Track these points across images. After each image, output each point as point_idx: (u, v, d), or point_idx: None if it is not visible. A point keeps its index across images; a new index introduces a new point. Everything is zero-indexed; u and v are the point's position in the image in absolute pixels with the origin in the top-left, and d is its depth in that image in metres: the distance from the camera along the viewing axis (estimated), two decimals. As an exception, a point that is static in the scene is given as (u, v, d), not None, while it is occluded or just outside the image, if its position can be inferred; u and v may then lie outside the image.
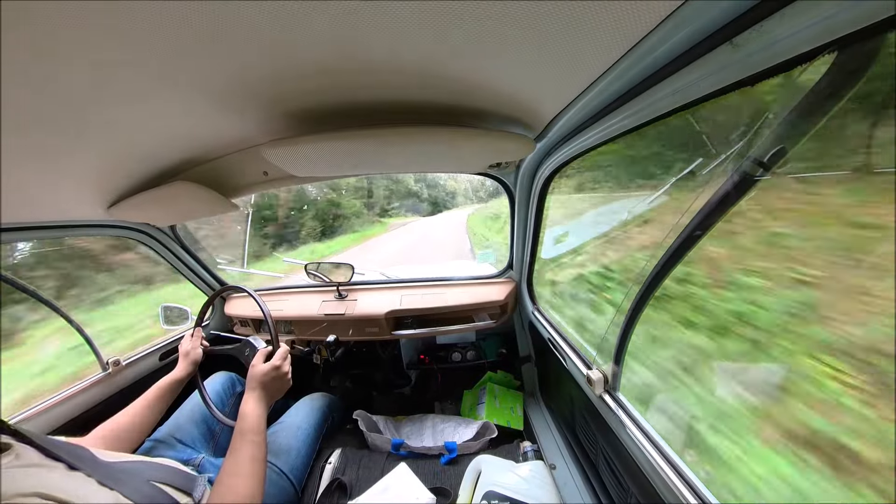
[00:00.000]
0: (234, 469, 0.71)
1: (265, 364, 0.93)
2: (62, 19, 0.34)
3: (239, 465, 0.72)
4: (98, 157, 0.71)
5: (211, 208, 1.07)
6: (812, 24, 0.30)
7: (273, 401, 0.91)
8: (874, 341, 0.68)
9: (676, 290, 1.16)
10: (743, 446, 0.89)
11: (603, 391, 0.86)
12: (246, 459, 0.73)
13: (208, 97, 0.56)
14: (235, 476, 0.70)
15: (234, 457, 0.73)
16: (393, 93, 0.60)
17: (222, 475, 0.70)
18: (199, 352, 1.08)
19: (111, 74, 0.45)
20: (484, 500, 0.90)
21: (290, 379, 0.96)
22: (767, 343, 0.91)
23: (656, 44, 0.41)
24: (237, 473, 0.71)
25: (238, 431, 0.79)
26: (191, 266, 1.50)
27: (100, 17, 0.35)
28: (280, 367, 0.93)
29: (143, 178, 0.88)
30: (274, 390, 0.92)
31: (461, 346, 1.71)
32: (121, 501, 0.56)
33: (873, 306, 0.68)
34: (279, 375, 0.93)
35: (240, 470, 0.71)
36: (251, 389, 0.88)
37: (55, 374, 2.46)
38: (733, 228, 0.94)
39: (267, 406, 0.88)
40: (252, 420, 0.81)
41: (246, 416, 0.81)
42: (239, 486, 0.69)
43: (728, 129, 0.53)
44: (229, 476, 0.70)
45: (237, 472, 0.71)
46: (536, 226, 1.19)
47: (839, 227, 0.77)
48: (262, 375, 0.90)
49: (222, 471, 0.71)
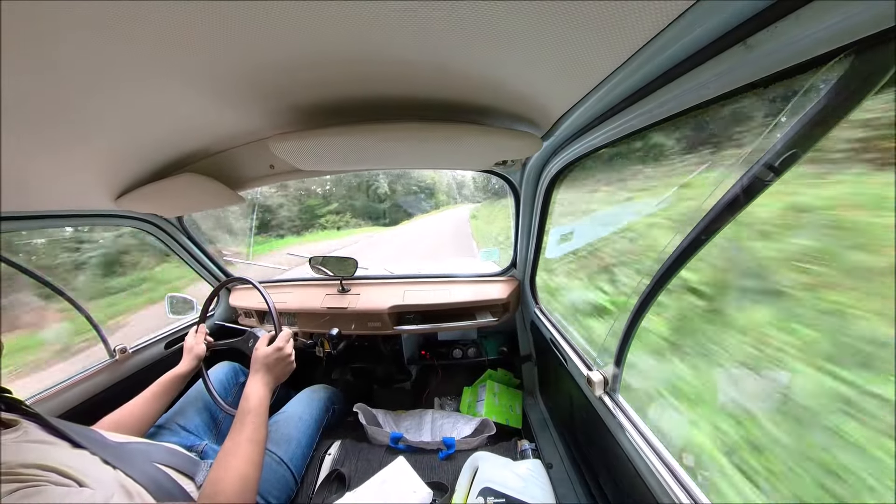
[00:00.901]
0: (232, 450, 0.73)
1: (268, 346, 0.93)
2: (68, 9, 0.34)
3: (237, 445, 0.73)
4: (106, 148, 0.71)
5: (218, 200, 1.08)
6: (828, 25, 0.29)
7: (277, 383, 0.92)
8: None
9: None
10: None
11: (603, 393, 0.86)
12: (244, 441, 0.74)
13: (216, 89, 0.56)
14: (233, 456, 0.71)
15: (234, 438, 0.75)
16: (400, 88, 0.60)
17: (221, 454, 0.72)
18: (203, 348, 1.10)
19: (117, 66, 0.45)
20: (481, 497, 0.90)
21: (293, 361, 0.96)
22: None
23: (667, 43, 0.40)
24: (235, 454, 0.72)
25: (240, 412, 0.80)
26: (197, 257, 1.52)
27: (106, 7, 0.35)
28: (283, 348, 0.94)
29: (150, 169, 0.89)
30: (278, 372, 0.92)
31: (462, 342, 1.72)
32: (122, 479, 0.58)
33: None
34: (282, 357, 0.93)
35: (238, 451, 0.72)
36: (255, 372, 0.89)
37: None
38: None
39: (270, 389, 0.88)
40: (253, 401, 0.82)
41: (248, 398, 0.82)
42: (235, 466, 0.70)
43: (739, 131, 0.52)
44: (227, 456, 0.71)
45: (235, 452, 0.72)
46: (541, 225, 1.19)
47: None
48: (265, 357, 0.91)
49: (222, 450, 0.73)
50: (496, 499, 0.89)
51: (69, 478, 0.50)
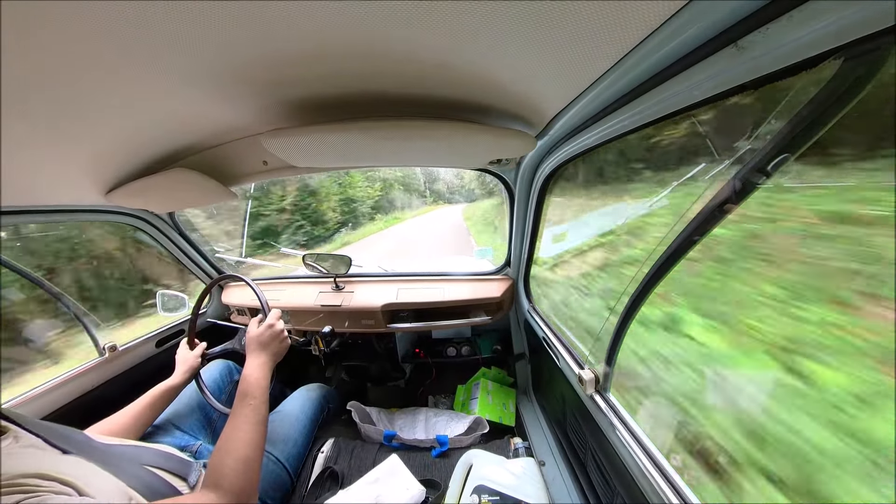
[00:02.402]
0: (233, 433, 0.72)
1: (259, 326, 0.92)
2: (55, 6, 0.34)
3: (237, 428, 0.73)
4: (94, 141, 0.70)
5: (209, 196, 1.07)
6: (819, 28, 0.29)
7: (275, 361, 0.90)
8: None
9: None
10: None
11: (594, 391, 0.86)
12: (243, 423, 0.74)
13: (208, 83, 0.55)
14: (233, 440, 0.71)
15: (234, 420, 0.74)
16: (394, 85, 0.59)
17: (221, 439, 0.71)
18: (199, 361, 1.09)
19: (106, 58, 0.44)
20: (474, 494, 0.90)
21: (286, 338, 0.95)
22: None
23: (659, 44, 0.40)
24: (235, 438, 0.71)
25: (239, 395, 0.79)
26: (188, 254, 1.50)
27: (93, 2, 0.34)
28: (274, 325, 0.93)
29: (141, 164, 0.87)
30: (273, 350, 0.91)
31: (456, 341, 1.72)
32: (120, 484, 0.57)
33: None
34: (274, 333, 0.92)
35: (238, 434, 0.72)
36: (250, 353, 0.88)
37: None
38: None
39: (269, 368, 0.87)
40: (252, 382, 0.81)
41: (246, 378, 0.81)
42: (236, 450, 0.69)
43: (730, 134, 0.52)
44: (227, 440, 0.71)
45: (235, 436, 0.72)
46: (535, 224, 1.19)
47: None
48: (258, 336, 0.90)
49: (222, 435, 0.72)
50: (490, 496, 0.90)
51: (69, 486, 0.50)
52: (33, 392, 1.05)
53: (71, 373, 1.15)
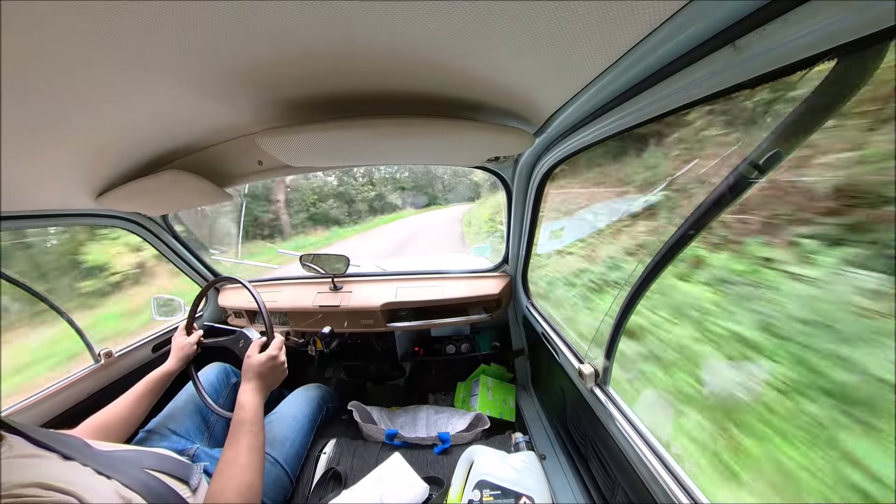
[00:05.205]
0: (233, 459, 0.72)
1: (261, 354, 0.93)
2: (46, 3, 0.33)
3: (238, 455, 0.73)
4: (84, 143, 0.68)
5: (204, 198, 1.05)
6: (813, 30, 0.30)
7: (269, 390, 0.92)
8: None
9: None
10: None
11: (594, 385, 0.88)
12: (245, 450, 0.74)
13: (201, 83, 0.54)
14: (235, 466, 0.71)
15: (234, 448, 0.74)
16: (391, 83, 0.59)
17: (222, 465, 0.71)
18: (194, 348, 1.08)
19: (96, 56, 0.43)
20: (476, 489, 0.91)
21: (286, 368, 0.97)
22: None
23: (658, 43, 0.40)
24: (237, 464, 0.71)
25: (236, 422, 0.79)
26: (183, 256, 1.48)
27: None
28: (276, 357, 0.94)
29: (133, 166, 0.86)
30: (270, 380, 0.92)
31: (455, 338, 1.73)
32: (120, 490, 0.57)
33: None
34: (275, 365, 0.93)
35: (239, 460, 0.72)
36: (248, 380, 0.88)
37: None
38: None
39: (263, 396, 0.88)
40: (250, 410, 0.81)
41: (244, 406, 0.82)
42: (238, 475, 0.70)
43: (726, 130, 0.53)
44: (229, 466, 0.71)
45: (237, 462, 0.72)
46: (533, 221, 1.20)
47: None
48: (258, 366, 0.90)
49: (222, 460, 0.72)
50: (492, 491, 0.91)
51: (69, 494, 0.49)
52: (29, 401, 1.03)
53: (67, 380, 1.13)
